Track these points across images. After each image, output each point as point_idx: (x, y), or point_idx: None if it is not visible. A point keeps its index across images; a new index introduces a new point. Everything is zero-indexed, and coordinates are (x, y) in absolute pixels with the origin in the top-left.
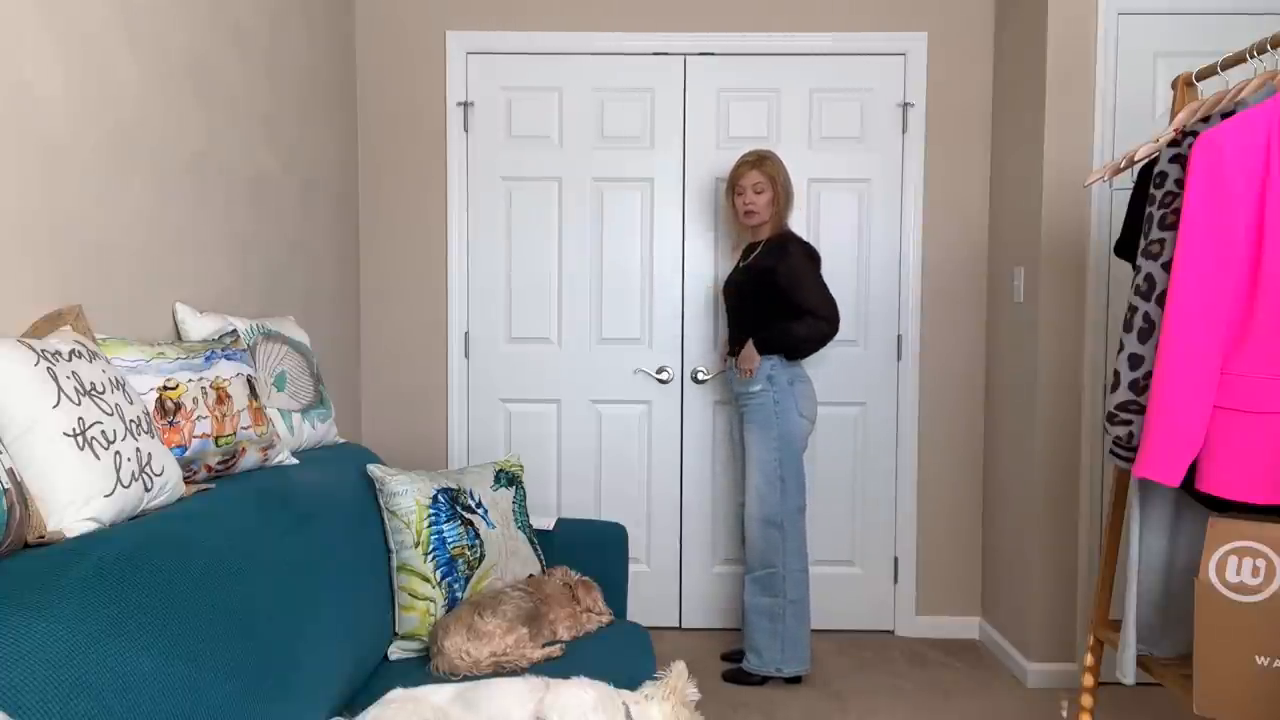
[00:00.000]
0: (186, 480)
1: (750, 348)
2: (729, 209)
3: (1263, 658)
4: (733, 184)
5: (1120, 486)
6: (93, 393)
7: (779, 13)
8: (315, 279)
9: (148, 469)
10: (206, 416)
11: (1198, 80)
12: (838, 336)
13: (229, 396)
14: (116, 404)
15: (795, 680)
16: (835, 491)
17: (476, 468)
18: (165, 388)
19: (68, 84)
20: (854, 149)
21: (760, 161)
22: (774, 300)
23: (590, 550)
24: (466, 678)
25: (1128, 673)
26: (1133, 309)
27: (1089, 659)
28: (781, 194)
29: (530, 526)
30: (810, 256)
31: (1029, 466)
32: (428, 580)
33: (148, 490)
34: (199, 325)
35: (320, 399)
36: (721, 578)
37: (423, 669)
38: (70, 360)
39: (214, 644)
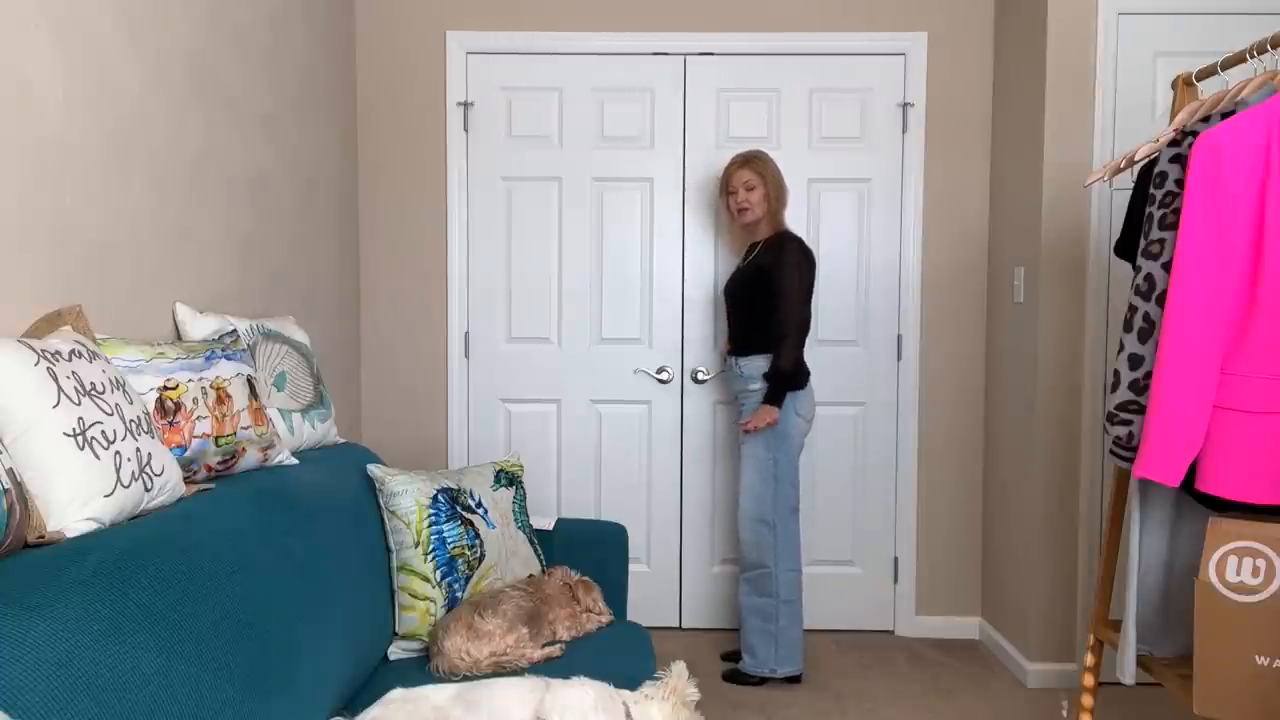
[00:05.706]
0: (186, 480)
1: (764, 409)
2: (725, 212)
3: (1263, 658)
4: (724, 185)
5: (1120, 486)
6: (93, 393)
7: (779, 13)
8: (315, 279)
9: (148, 469)
10: (206, 416)
11: (1198, 80)
12: (837, 336)
13: (229, 396)
14: (116, 404)
15: (794, 680)
16: (835, 491)
17: (476, 468)
18: (165, 388)
19: (68, 84)
20: (854, 149)
21: (748, 160)
22: (769, 299)
23: (590, 550)
24: (466, 678)
25: (1128, 673)
26: (1133, 309)
27: (1089, 659)
28: (773, 190)
29: (530, 526)
30: (807, 260)
31: (1029, 466)
32: (428, 580)
33: (148, 490)
34: (199, 325)
35: (320, 399)
36: (721, 578)
37: (423, 669)
38: (70, 360)
39: (214, 644)
